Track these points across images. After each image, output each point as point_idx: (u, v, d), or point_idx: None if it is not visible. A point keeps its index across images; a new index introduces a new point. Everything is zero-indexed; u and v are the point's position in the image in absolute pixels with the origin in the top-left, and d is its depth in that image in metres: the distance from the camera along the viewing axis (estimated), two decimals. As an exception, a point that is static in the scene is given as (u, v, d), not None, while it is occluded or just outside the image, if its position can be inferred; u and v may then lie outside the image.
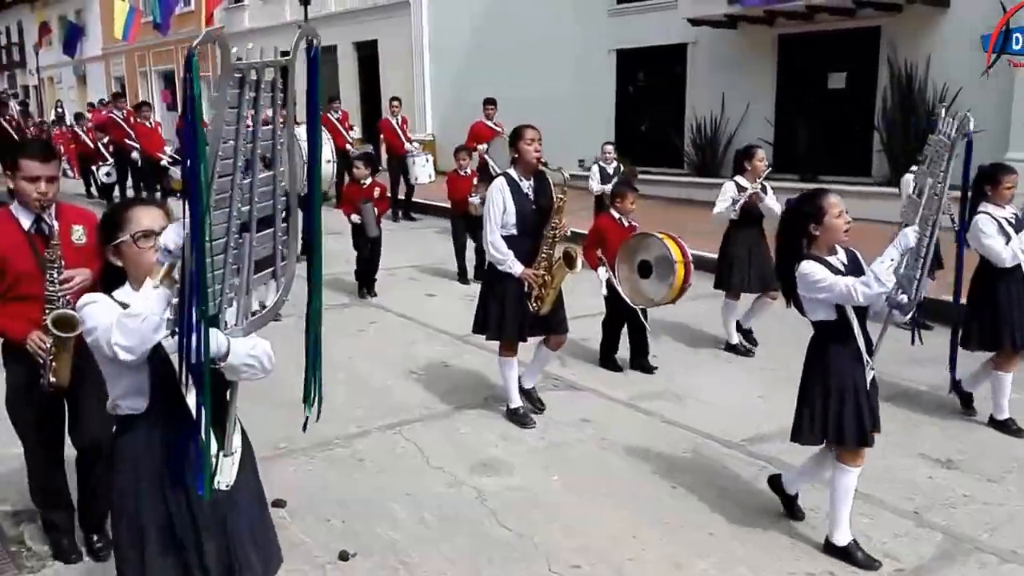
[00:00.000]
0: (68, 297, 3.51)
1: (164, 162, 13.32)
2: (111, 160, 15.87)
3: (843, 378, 3.89)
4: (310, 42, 2.14)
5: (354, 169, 9.48)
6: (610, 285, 6.53)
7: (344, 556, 4.00)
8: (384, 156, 15.84)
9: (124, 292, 2.59)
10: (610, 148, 11.19)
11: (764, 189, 6.92)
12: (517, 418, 5.68)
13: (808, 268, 3.79)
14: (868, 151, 13.92)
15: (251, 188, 2.16)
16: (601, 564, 3.97)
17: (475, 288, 9.55)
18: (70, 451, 4.01)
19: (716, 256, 7.33)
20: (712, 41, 15.86)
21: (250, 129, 2.09)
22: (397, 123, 14.91)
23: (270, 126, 2.15)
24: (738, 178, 6.99)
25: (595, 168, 11.09)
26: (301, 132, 2.18)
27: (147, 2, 29.16)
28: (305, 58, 2.15)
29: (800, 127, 14.82)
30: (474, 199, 9.57)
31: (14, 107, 23.38)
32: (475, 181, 10.02)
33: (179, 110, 24.63)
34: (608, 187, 10.89)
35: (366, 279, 9.39)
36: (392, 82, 22.46)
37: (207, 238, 2.03)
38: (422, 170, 13.72)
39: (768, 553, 4.07)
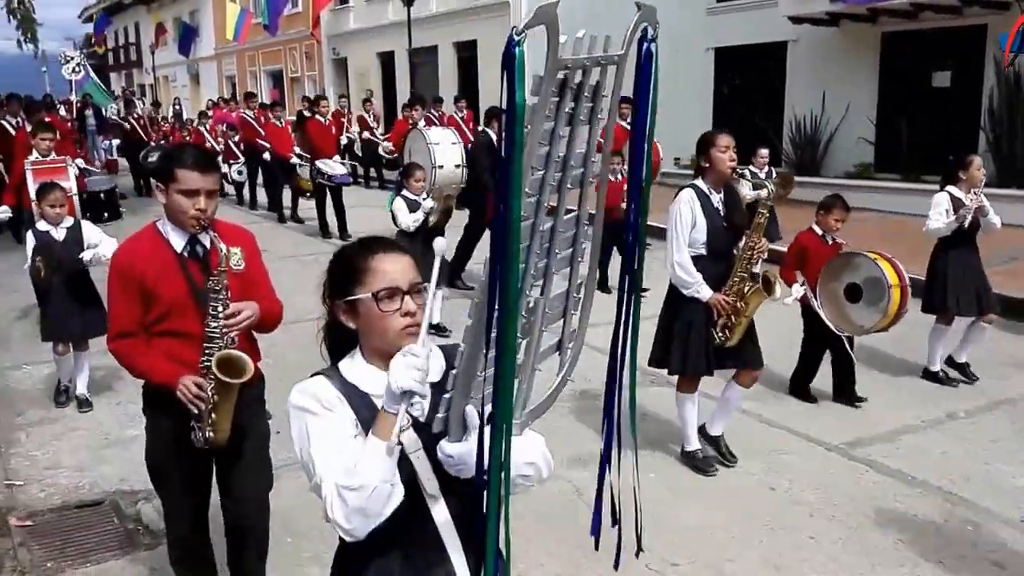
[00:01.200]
0: (234, 335, 2.98)
1: (293, 160, 13.43)
2: (242, 158, 15.95)
3: None
4: (644, 31, 1.63)
5: None
6: (810, 309, 5.99)
7: (444, 545, 4.06)
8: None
9: (354, 367, 1.94)
10: (765, 152, 10.02)
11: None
12: (696, 463, 5.04)
13: None
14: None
15: (552, 234, 1.62)
16: (700, 563, 4.00)
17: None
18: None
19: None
20: (813, 39, 15.60)
21: (562, 155, 1.57)
22: None
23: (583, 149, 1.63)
24: (951, 188, 6.36)
25: (747, 172, 10.74)
26: (433, 133, 1.81)
27: (257, 4, 30.10)
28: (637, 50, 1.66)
29: (903, 126, 14.46)
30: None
31: (142, 105, 23.96)
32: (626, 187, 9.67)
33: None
34: (762, 192, 10.55)
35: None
36: (489, 82, 22.67)
37: (517, 314, 1.47)
38: None
39: (870, 558, 4.05)
